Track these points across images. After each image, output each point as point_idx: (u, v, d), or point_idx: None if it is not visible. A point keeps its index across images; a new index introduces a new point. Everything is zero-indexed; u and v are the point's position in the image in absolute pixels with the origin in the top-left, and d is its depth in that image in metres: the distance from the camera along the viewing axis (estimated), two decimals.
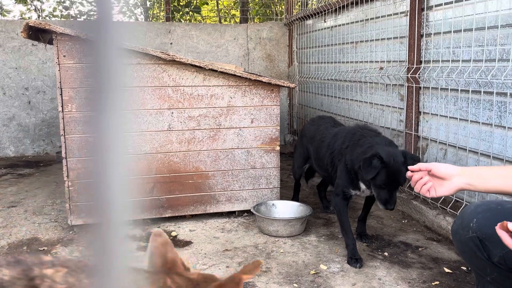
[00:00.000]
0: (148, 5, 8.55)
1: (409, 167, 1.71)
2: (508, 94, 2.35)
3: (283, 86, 3.10)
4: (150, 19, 8.40)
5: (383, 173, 2.28)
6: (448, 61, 2.80)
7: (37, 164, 4.85)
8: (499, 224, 1.38)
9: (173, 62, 2.86)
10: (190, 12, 8.32)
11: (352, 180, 2.51)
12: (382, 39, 3.57)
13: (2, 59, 5.17)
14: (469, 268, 2.28)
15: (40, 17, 7.53)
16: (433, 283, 2.20)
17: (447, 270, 2.35)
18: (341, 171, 2.57)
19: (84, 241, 2.70)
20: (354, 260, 2.39)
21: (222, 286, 0.86)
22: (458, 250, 1.94)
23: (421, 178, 1.66)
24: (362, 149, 2.40)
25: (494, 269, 1.71)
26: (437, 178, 1.63)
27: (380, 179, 2.28)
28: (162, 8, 7.96)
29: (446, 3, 2.81)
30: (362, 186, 2.49)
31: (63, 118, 2.71)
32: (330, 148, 2.73)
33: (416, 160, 2.31)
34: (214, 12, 9.15)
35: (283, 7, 6.61)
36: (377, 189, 2.33)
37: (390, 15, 3.43)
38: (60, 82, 2.69)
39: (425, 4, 3.03)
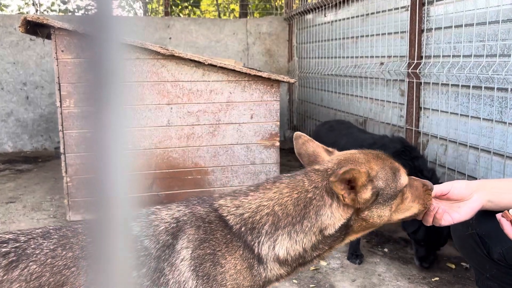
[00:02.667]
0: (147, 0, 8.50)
1: None
2: (509, 89, 2.33)
3: (283, 82, 3.08)
4: (149, 14, 8.36)
5: (422, 230, 2.23)
6: (449, 56, 2.79)
7: (35, 159, 4.84)
8: (500, 214, 1.36)
9: (172, 57, 2.84)
10: (189, 7, 8.29)
11: None
12: (382, 34, 3.55)
13: (0, 54, 5.14)
14: (469, 264, 2.28)
15: (38, 12, 7.49)
16: (432, 279, 2.20)
17: (447, 266, 2.35)
18: None
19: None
20: (354, 256, 2.39)
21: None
22: (458, 246, 1.93)
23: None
24: None
25: (494, 265, 1.70)
26: (449, 200, 1.39)
27: (420, 235, 2.25)
28: (161, 3, 7.92)
29: None
30: None
31: (61, 114, 2.69)
32: None
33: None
34: (213, 6, 9.11)
35: (283, 1, 6.58)
36: (416, 244, 2.33)
37: (391, 10, 3.41)
38: (58, 77, 2.67)
39: None
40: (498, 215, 1.36)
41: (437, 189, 1.36)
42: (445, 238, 2.27)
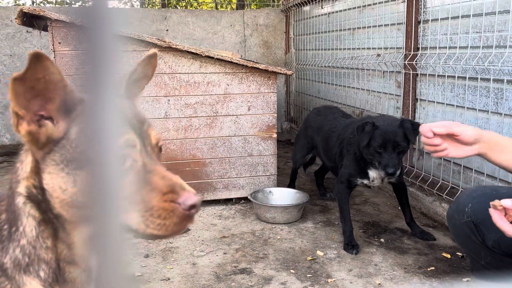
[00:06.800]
0: None
1: (424, 132, 1.56)
2: (505, 81, 2.35)
3: (280, 73, 3.09)
4: (146, 6, 8.32)
5: (377, 135, 2.30)
6: (445, 47, 2.79)
7: None
8: (491, 204, 1.41)
9: (169, 49, 2.84)
10: None
11: (361, 169, 2.51)
12: (379, 25, 3.55)
13: None
14: (464, 254, 2.31)
15: (34, 3, 7.44)
16: (428, 269, 2.23)
17: (442, 255, 2.37)
18: (349, 160, 2.56)
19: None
20: (351, 246, 2.41)
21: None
22: (453, 234, 1.96)
23: (436, 145, 1.56)
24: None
25: (489, 253, 1.73)
26: (456, 141, 1.54)
27: (375, 142, 2.30)
28: None
29: None
30: (372, 175, 2.49)
31: None
32: (339, 139, 2.72)
33: (415, 126, 2.31)
34: None
35: None
36: (377, 155, 2.33)
37: (388, 1, 3.41)
38: None
39: None
40: (491, 210, 1.40)
41: (454, 129, 1.53)
42: (401, 139, 2.29)
